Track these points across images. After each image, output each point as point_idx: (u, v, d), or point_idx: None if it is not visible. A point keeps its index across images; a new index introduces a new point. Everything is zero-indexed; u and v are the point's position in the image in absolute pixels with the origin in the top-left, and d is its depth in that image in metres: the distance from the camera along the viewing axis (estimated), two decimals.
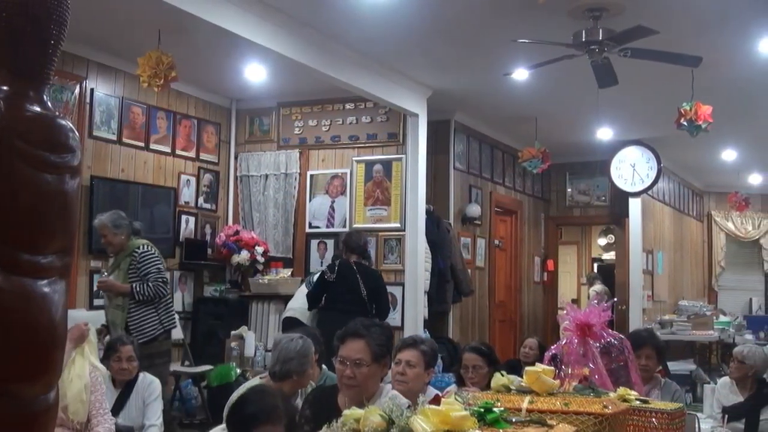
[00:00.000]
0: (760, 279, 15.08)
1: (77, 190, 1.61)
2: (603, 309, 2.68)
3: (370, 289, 6.93)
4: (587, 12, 5.91)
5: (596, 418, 2.03)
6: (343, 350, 3.41)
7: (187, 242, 8.55)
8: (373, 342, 3.38)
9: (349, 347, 3.39)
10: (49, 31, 1.61)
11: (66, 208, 1.61)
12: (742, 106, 8.59)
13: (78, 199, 1.60)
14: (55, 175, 1.57)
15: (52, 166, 1.56)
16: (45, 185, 1.56)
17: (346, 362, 3.35)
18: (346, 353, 3.38)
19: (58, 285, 1.60)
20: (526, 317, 11.32)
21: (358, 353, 3.35)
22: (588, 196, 12.08)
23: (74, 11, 1.56)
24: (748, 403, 5.59)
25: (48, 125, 1.59)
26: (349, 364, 3.34)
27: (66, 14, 1.63)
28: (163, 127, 8.35)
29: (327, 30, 6.61)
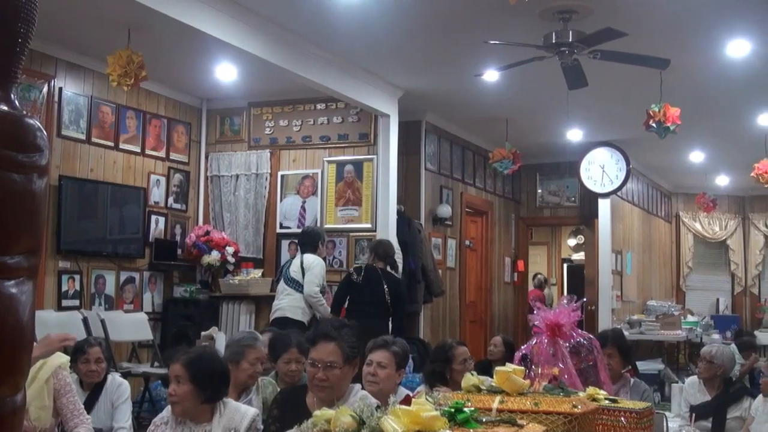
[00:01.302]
0: (727, 279, 15.26)
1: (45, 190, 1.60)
2: (572, 309, 2.69)
3: (394, 295, 7.12)
4: (557, 14, 5.95)
5: (566, 418, 2.04)
6: (315, 353, 3.39)
7: (157, 242, 8.50)
8: (345, 344, 3.37)
9: (320, 349, 3.37)
10: (16, 29, 1.59)
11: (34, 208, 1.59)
12: (710, 108, 8.69)
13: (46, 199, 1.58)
14: (23, 174, 1.55)
15: (20, 166, 1.55)
16: (12, 185, 1.54)
17: (318, 365, 3.34)
18: (318, 356, 3.36)
19: (25, 286, 1.58)
20: (496, 317, 11.37)
21: (330, 356, 3.34)
22: (558, 197, 12.16)
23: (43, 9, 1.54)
24: (715, 402, 5.64)
25: (15, 124, 1.57)
26: (321, 367, 3.33)
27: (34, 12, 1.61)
28: (132, 126, 8.29)
29: (299, 30, 6.60)
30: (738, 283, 15.17)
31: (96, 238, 7.88)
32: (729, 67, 7.24)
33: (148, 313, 8.11)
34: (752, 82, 7.72)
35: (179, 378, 3.50)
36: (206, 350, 4.01)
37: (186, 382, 3.49)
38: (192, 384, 3.51)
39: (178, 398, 3.51)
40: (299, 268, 7.17)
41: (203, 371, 3.57)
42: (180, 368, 3.53)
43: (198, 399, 3.53)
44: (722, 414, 5.56)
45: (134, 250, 8.23)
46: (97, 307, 7.74)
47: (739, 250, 15.16)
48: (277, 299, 7.33)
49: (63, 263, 7.49)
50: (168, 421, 3.60)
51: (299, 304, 7.10)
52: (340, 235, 8.52)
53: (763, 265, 15.11)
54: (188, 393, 3.50)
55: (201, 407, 3.53)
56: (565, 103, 7.77)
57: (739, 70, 7.31)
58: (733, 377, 6.08)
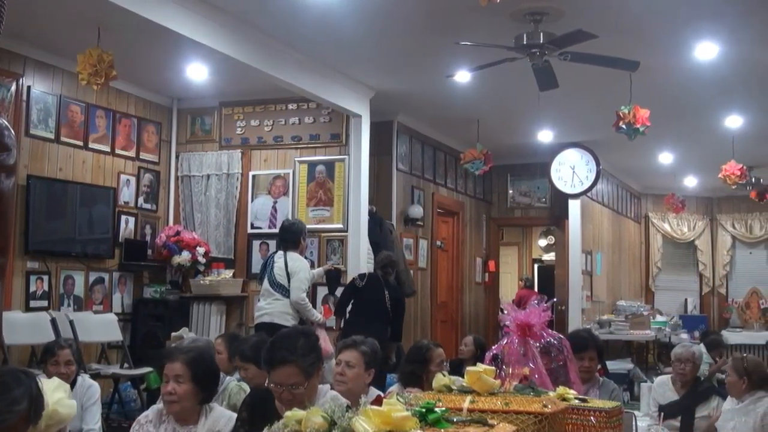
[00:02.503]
0: (695, 279, 15.42)
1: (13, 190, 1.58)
2: (543, 309, 2.71)
3: (394, 301, 7.68)
4: (528, 15, 5.98)
5: (536, 417, 2.05)
6: (275, 376, 3.33)
7: (127, 243, 8.43)
8: (303, 363, 3.32)
9: (279, 374, 3.31)
10: None
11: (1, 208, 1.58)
12: (679, 110, 8.77)
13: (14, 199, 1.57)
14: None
15: None
16: None
17: (281, 387, 3.31)
18: (279, 380, 3.31)
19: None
20: (467, 317, 11.40)
21: (290, 378, 3.29)
22: (529, 198, 12.22)
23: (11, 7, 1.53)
24: (683, 402, 5.70)
25: None
26: (285, 389, 3.31)
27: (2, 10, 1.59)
28: (102, 125, 8.22)
29: (270, 30, 6.59)
30: (706, 283, 15.33)
31: (65, 238, 7.81)
32: (697, 70, 7.32)
33: (118, 314, 8.05)
34: (720, 84, 7.81)
35: (179, 377, 3.43)
36: (203, 348, 3.95)
37: (187, 381, 3.44)
38: (192, 383, 3.46)
39: (178, 397, 3.43)
40: (284, 272, 7.04)
41: (204, 370, 3.53)
42: (181, 367, 3.46)
43: (196, 399, 3.49)
44: (690, 413, 5.61)
45: (103, 251, 8.17)
46: (65, 307, 7.67)
47: (707, 251, 15.32)
48: (263, 302, 7.14)
49: (31, 263, 7.41)
50: (152, 419, 3.56)
51: (287, 310, 7.00)
52: (312, 235, 8.48)
53: (730, 265, 15.29)
54: (188, 392, 3.45)
55: (194, 408, 3.50)
56: (536, 104, 7.80)
57: (707, 73, 7.39)
58: (701, 376, 6.15)
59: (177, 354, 3.55)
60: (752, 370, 5.06)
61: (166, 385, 3.47)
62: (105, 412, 6.84)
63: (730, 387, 5.13)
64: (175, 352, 3.62)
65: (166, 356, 3.59)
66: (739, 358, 5.24)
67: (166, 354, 3.64)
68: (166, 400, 3.47)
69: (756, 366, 5.15)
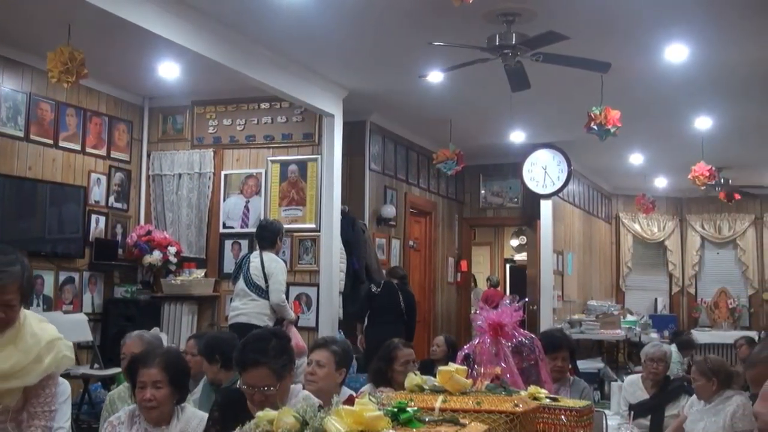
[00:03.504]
0: (665, 279, 15.57)
1: None
2: (515, 309, 2.72)
3: (408, 305, 8.52)
4: (500, 16, 6.01)
5: (507, 417, 2.06)
6: (248, 378, 3.35)
7: (97, 242, 8.36)
8: (275, 365, 3.34)
9: (252, 375, 3.34)
10: None
11: None
12: (649, 112, 8.84)
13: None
14: None
15: None
16: None
17: (254, 388, 3.33)
18: (251, 381, 3.33)
19: None
20: (439, 317, 11.42)
21: (263, 380, 3.31)
22: (501, 198, 12.27)
23: None
24: (653, 401, 5.75)
25: None
26: (257, 391, 3.32)
27: None
28: (72, 124, 8.15)
29: (243, 29, 6.56)
30: (675, 283, 15.49)
31: (34, 237, 7.73)
32: (667, 72, 7.38)
33: (88, 314, 7.98)
34: (689, 86, 7.88)
35: (158, 383, 3.43)
36: (174, 349, 3.94)
37: (165, 385, 3.44)
38: (170, 387, 3.46)
39: (158, 403, 3.43)
40: (261, 272, 6.99)
41: (180, 373, 3.54)
42: (158, 372, 3.46)
43: (173, 401, 3.50)
44: (660, 412, 5.67)
45: (74, 250, 8.10)
46: (35, 307, 7.59)
47: (677, 251, 15.48)
48: (239, 302, 7.05)
49: None
50: (124, 420, 3.54)
51: (264, 311, 6.95)
52: (284, 235, 8.47)
53: (699, 265, 15.45)
54: (167, 396, 3.45)
55: (170, 410, 3.50)
56: (508, 104, 7.84)
57: (677, 75, 7.46)
58: (670, 376, 6.21)
59: (151, 359, 3.54)
60: (718, 370, 5.11)
61: (143, 392, 3.45)
62: (75, 412, 6.77)
63: (700, 391, 5.15)
64: (148, 357, 3.59)
65: (140, 362, 3.56)
66: (702, 361, 5.27)
67: (140, 359, 3.61)
68: (145, 407, 3.46)
69: (720, 365, 5.20)
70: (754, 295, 14.93)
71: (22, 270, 2.96)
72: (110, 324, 8.34)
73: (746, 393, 5.06)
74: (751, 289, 14.96)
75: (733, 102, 8.61)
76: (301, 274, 8.40)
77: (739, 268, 15.19)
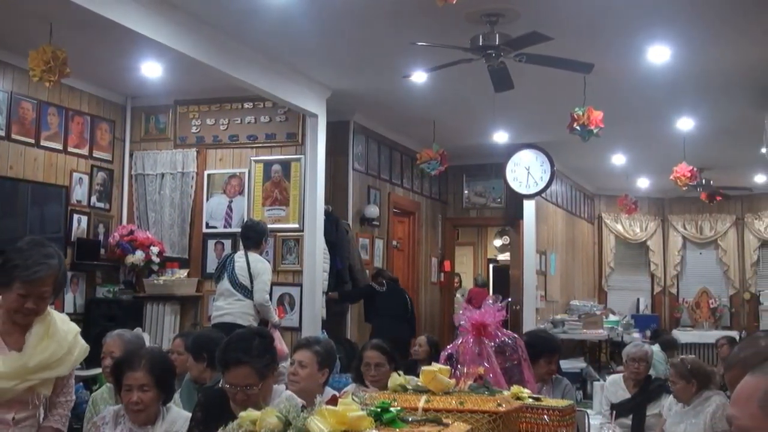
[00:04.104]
0: (647, 279, 15.65)
1: None
2: (498, 309, 2.73)
3: (411, 304, 9.28)
4: (484, 17, 6.02)
5: (490, 416, 2.07)
6: (230, 377, 3.37)
7: (79, 242, 8.32)
8: (258, 364, 3.35)
9: (234, 374, 3.35)
10: None
11: None
12: (632, 112, 8.88)
13: None
14: None
15: None
16: None
17: (237, 387, 3.33)
18: (234, 380, 3.35)
19: None
20: (423, 317, 11.42)
21: (245, 379, 3.33)
22: (484, 198, 12.29)
23: None
24: (635, 400, 5.78)
25: None
26: (240, 390, 3.32)
27: None
28: (54, 123, 8.10)
29: (226, 28, 6.54)
30: (657, 283, 15.57)
31: (15, 237, 7.60)
32: (650, 73, 7.42)
33: (70, 314, 7.83)
34: (671, 87, 7.92)
35: (144, 386, 3.43)
36: (158, 350, 3.93)
37: (152, 388, 3.43)
38: (157, 389, 3.47)
39: (144, 406, 3.43)
40: (246, 272, 6.96)
41: (165, 374, 3.55)
42: (144, 376, 3.45)
43: (159, 402, 3.50)
44: (642, 411, 5.70)
45: None
46: None
47: (659, 251, 15.56)
48: (223, 302, 7.02)
49: None
50: (109, 421, 3.53)
51: (249, 311, 6.93)
52: (269, 235, 8.46)
53: (681, 265, 15.54)
54: (154, 399, 3.45)
55: (156, 410, 3.50)
56: (492, 105, 7.86)
57: (660, 76, 7.50)
58: (653, 375, 6.24)
59: (136, 362, 3.53)
60: (696, 371, 5.13)
61: (129, 395, 3.45)
62: None
63: (680, 393, 5.17)
64: (133, 359, 3.58)
65: (126, 365, 3.55)
66: (679, 363, 5.28)
67: (125, 362, 3.59)
68: (133, 410, 3.45)
69: (698, 366, 5.22)
70: (735, 295, 15.03)
71: (59, 264, 3.15)
72: (92, 324, 8.28)
73: (725, 393, 5.10)
74: (732, 289, 15.06)
75: (714, 103, 8.66)
76: (285, 274, 8.38)
77: (720, 269, 15.29)
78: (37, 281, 3.06)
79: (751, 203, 14.85)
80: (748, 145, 10.05)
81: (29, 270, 3.04)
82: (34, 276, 3.04)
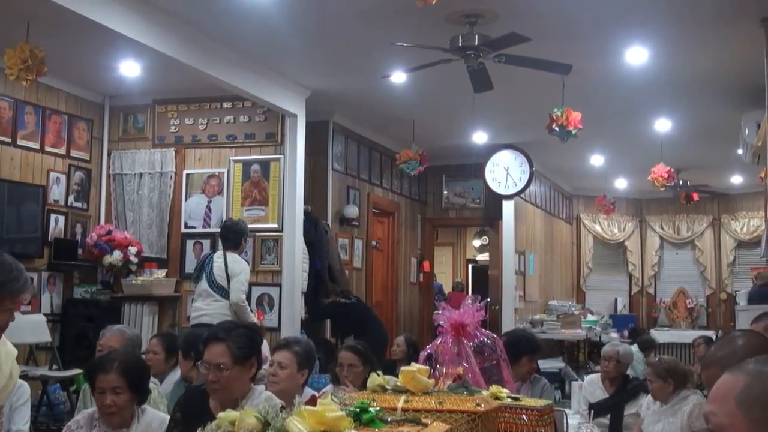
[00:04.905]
0: (625, 279, 15.73)
1: None
2: (476, 309, 2.73)
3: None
4: (463, 18, 6.03)
5: (469, 416, 2.07)
6: (206, 355, 3.43)
7: (57, 242, 8.26)
8: (234, 345, 3.40)
9: (210, 351, 3.41)
10: None
11: None
12: (610, 113, 8.93)
13: None
14: None
15: None
16: None
17: (210, 366, 3.36)
18: (208, 357, 3.40)
19: None
20: (402, 317, 11.44)
21: (218, 357, 3.37)
22: (463, 199, 12.31)
23: None
24: (612, 399, 5.81)
25: None
26: (212, 369, 3.34)
27: None
28: (31, 122, 8.04)
29: (205, 27, 6.52)
30: (635, 283, 15.66)
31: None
32: (628, 74, 7.46)
33: (47, 315, 7.88)
34: (649, 88, 7.97)
35: (117, 389, 3.41)
36: (131, 352, 3.92)
37: (124, 390, 3.42)
38: (130, 391, 3.46)
39: (117, 408, 3.42)
40: (224, 273, 6.95)
41: (138, 375, 3.54)
42: (117, 378, 3.44)
43: (133, 404, 3.49)
44: (619, 411, 5.72)
45: (32, 250, 7.98)
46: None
47: (636, 251, 15.66)
48: (202, 302, 7.00)
49: None
50: (83, 425, 3.52)
51: (226, 312, 6.89)
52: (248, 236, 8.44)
53: (658, 265, 15.64)
54: (127, 401, 3.44)
55: (130, 413, 3.48)
56: (471, 105, 7.88)
57: (637, 77, 7.54)
58: (629, 374, 6.27)
59: (109, 364, 3.51)
60: (673, 371, 5.17)
61: (103, 398, 3.43)
62: (33, 414, 6.67)
63: (657, 392, 5.21)
64: (105, 362, 3.56)
65: (99, 368, 3.53)
66: (656, 363, 5.32)
67: (98, 365, 3.58)
68: (106, 413, 3.44)
69: (675, 366, 5.26)
70: (711, 295, 15.15)
71: None
72: (69, 325, 8.24)
73: (702, 392, 5.14)
74: (708, 289, 15.17)
75: (692, 105, 8.73)
76: (264, 274, 8.37)
77: (697, 269, 15.40)
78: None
79: (727, 204, 14.97)
80: (724, 146, 10.13)
81: None
82: None
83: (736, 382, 1.56)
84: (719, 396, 1.58)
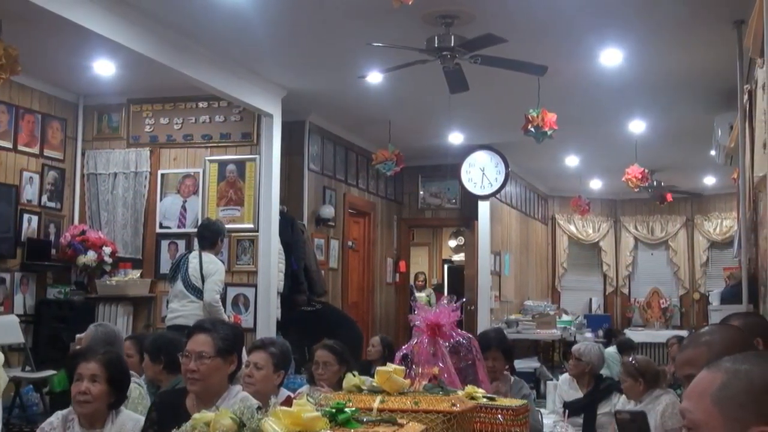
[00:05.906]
0: (599, 280, 15.83)
1: None
2: (452, 309, 2.74)
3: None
4: (439, 18, 6.05)
5: (445, 416, 2.08)
6: (189, 344, 3.44)
7: (30, 242, 8.19)
8: (218, 336, 3.42)
9: (194, 341, 3.43)
10: None
11: None
12: (585, 115, 8.99)
13: None
14: None
15: None
16: None
17: (191, 355, 3.37)
18: (191, 347, 3.41)
19: None
20: (378, 317, 11.45)
21: (201, 346, 3.39)
22: (439, 199, 12.34)
23: None
24: (586, 399, 5.84)
25: None
26: (193, 357, 3.35)
27: None
28: (4, 121, 7.97)
29: (180, 26, 6.49)
30: (609, 283, 15.76)
31: None
32: (602, 75, 7.51)
33: (20, 316, 7.82)
34: (624, 90, 8.03)
35: (95, 377, 3.42)
36: (117, 353, 3.91)
37: (102, 382, 3.43)
38: (108, 385, 3.46)
39: (92, 397, 3.42)
40: (199, 273, 6.92)
41: (119, 373, 3.55)
42: (98, 367, 3.45)
43: (107, 401, 3.48)
44: (593, 410, 5.76)
45: (5, 250, 7.91)
46: None
47: (611, 252, 15.76)
48: (177, 303, 6.98)
49: None
50: (57, 426, 3.50)
51: (201, 313, 6.89)
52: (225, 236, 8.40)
53: (632, 266, 15.75)
54: (102, 393, 3.44)
55: (103, 411, 3.47)
56: (447, 106, 7.90)
57: (612, 78, 7.59)
58: (603, 374, 6.31)
59: (93, 354, 3.55)
60: (644, 370, 5.21)
61: (79, 384, 3.43)
62: (6, 416, 6.64)
63: (629, 391, 5.25)
64: (90, 352, 3.60)
65: (81, 356, 3.56)
66: (628, 362, 5.36)
67: (81, 354, 3.62)
68: (78, 400, 3.44)
69: (647, 365, 5.30)
70: (685, 295, 15.27)
71: None
72: (43, 326, 8.18)
73: (675, 391, 5.19)
74: (682, 290, 15.30)
75: (665, 106, 8.80)
76: (239, 274, 8.34)
77: (671, 269, 15.52)
78: None
79: (700, 205, 15.10)
80: (698, 147, 10.22)
81: None
82: None
83: (714, 380, 1.57)
84: (696, 393, 1.59)
